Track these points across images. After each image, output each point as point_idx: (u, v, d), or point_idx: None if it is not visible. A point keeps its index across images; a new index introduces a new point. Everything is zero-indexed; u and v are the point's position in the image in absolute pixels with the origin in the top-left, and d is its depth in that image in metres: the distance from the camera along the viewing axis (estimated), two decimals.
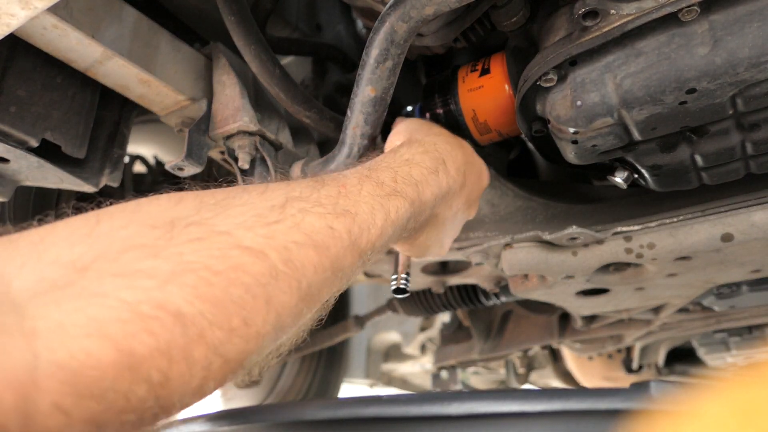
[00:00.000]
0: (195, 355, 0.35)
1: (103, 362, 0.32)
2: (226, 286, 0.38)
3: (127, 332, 0.33)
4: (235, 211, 0.42)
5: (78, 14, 0.67)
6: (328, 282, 0.46)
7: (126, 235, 0.38)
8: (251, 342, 0.39)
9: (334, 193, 0.49)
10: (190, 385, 0.36)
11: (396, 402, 0.50)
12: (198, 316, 0.36)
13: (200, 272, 0.37)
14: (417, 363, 2.63)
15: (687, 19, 0.58)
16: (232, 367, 0.38)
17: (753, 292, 1.22)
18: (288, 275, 0.42)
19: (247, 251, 0.40)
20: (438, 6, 0.60)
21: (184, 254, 0.37)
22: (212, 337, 0.36)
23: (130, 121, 0.91)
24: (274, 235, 0.42)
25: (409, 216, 0.56)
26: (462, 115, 0.85)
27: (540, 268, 0.97)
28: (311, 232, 0.44)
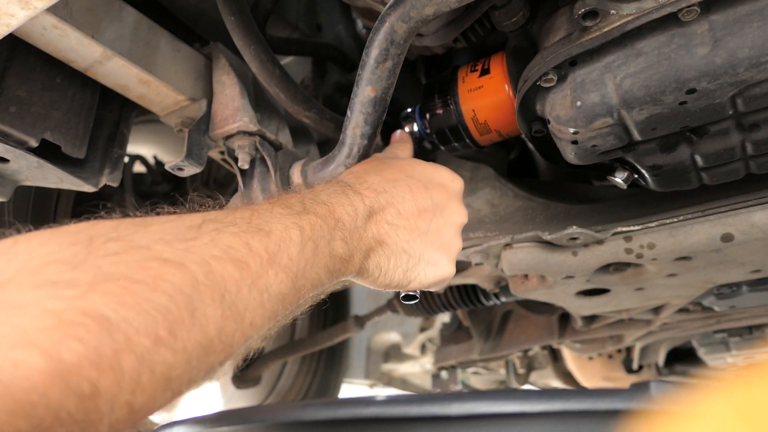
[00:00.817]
0: (123, 364, 0.34)
1: (32, 372, 0.31)
2: (148, 294, 0.37)
3: (54, 339, 0.32)
4: (153, 229, 0.42)
5: (78, 14, 0.67)
6: (254, 302, 0.45)
7: (45, 252, 0.37)
8: (178, 355, 0.38)
9: (247, 214, 0.50)
10: (119, 398, 0.34)
11: (396, 402, 0.50)
12: (123, 323, 0.35)
13: (120, 281, 0.36)
14: (417, 363, 2.63)
15: (687, 19, 0.58)
16: (160, 382, 0.37)
17: (753, 292, 1.22)
18: (210, 287, 0.41)
19: (167, 263, 0.40)
20: (438, 6, 0.60)
21: (103, 266, 0.37)
22: (139, 346, 0.35)
23: (130, 121, 0.91)
24: (192, 250, 0.42)
25: (328, 233, 0.54)
26: (462, 115, 0.85)
27: (540, 268, 0.97)
28: (228, 248, 0.44)
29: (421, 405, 0.48)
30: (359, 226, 0.59)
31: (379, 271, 0.63)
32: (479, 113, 0.85)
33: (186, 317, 0.38)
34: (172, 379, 0.38)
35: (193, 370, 0.40)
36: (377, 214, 0.61)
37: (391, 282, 0.64)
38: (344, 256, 0.57)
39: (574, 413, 0.46)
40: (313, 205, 0.55)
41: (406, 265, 0.63)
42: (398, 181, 0.64)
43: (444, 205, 0.67)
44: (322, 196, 0.57)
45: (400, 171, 0.66)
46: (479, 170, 1.05)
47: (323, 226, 0.54)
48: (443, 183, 0.69)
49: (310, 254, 0.51)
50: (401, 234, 0.62)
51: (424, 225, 0.64)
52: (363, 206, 0.60)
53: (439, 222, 0.66)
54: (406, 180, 0.65)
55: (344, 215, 0.57)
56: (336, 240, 0.55)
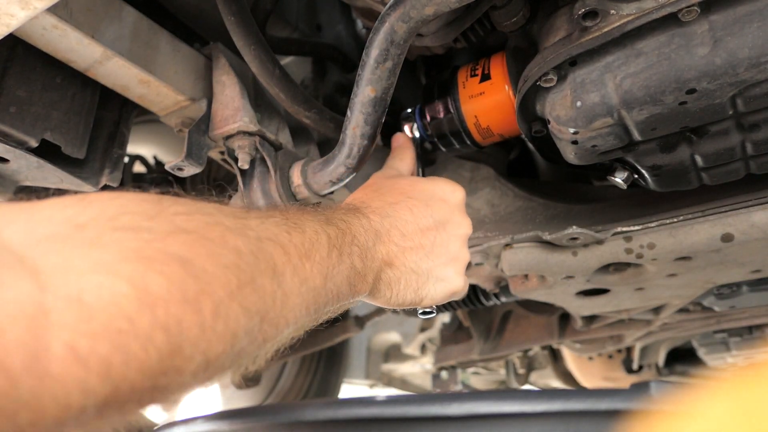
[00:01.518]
0: (204, 308, 0.34)
1: (118, 297, 0.30)
2: (220, 249, 0.38)
3: (139, 271, 0.32)
4: (210, 203, 0.44)
5: (78, 14, 0.67)
6: (295, 289, 0.46)
7: (119, 203, 0.37)
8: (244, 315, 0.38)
9: (282, 212, 0.52)
10: (200, 344, 0.33)
11: (396, 402, 0.50)
12: (202, 270, 0.35)
13: (193, 235, 0.37)
14: (417, 363, 2.63)
15: (687, 20, 0.58)
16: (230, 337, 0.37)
17: (753, 292, 1.22)
18: (265, 261, 0.42)
19: (230, 230, 0.41)
20: (438, 6, 0.60)
21: (175, 221, 0.38)
22: (216, 294, 0.35)
23: (130, 121, 0.91)
24: (247, 225, 0.44)
25: (348, 246, 0.56)
26: (464, 120, 0.85)
27: (540, 268, 0.97)
28: (275, 234, 0.46)
29: (421, 405, 0.48)
30: (370, 246, 0.60)
31: (390, 291, 0.63)
32: (482, 119, 0.85)
33: (249, 280, 0.39)
34: (238, 335, 0.37)
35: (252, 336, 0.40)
36: (384, 236, 0.62)
37: (403, 302, 0.65)
38: (361, 271, 0.58)
39: (574, 413, 0.46)
40: (334, 219, 0.57)
41: (416, 284, 0.64)
42: (399, 204, 0.66)
43: (446, 219, 0.68)
44: (338, 214, 0.59)
45: (400, 193, 0.67)
46: (479, 170, 1.05)
47: (344, 239, 0.55)
48: (443, 197, 0.70)
49: (336, 260, 0.53)
50: (408, 255, 0.63)
51: (429, 242, 0.65)
52: (371, 229, 0.61)
53: (443, 237, 0.67)
54: (406, 201, 0.66)
55: (359, 233, 0.58)
56: (354, 255, 0.56)
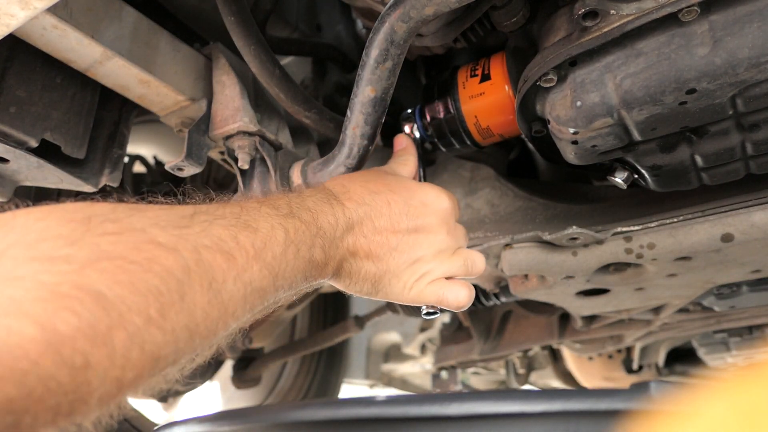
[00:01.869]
0: (115, 340, 0.35)
1: (25, 340, 0.31)
2: (142, 275, 0.38)
3: (49, 310, 0.33)
4: (149, 214, 0.44)
5: (78, 14, 0.67)
6: (238, 294, 0.46)
7: (42, 227, 0.37)
8: (167, 335, 0.38)
9: (236, 210, 0.51)
10: (109, 373, 0.35)
11: (396, 402, 0.50)
12: (117, 300, 0.36)
13: (116, 260, 0.37)
14: (417, 363, 2.63)
15: (687, 20, 0.58)
16: (149, 360, 0.38)
17: (753, 292, 1.22)
18: (199, 274, 0.42)
19: (161, 247, 0.41)
20: (438, 6, 0.60)
21: (100, 244, 0.38)
22: (131, 324, 0.36)
23: (130, 121, 0.91)
24: (185, 237, 0.43)
25: (310, 239, 0.56)
26: (464, 121, 0.85)
27: (540, 268, 0.97)
28: (218, 240, 0.46)
29: (421, 405, 0.48)
30: (337, 236, 0.61)
31: (349, 279, 0.65)
32: (482, 119, 0.85)
33: (176, 300, 0.40)
34: (160, 358, 0.39)
35: (179, 352, 0.41)
36: (355, 226, 0.63)
37: (360, 290, 0.67)
38: (321, 263, 0.59)
39: (574, 413, 0.46)
40: (299, 210, 0.57)
41: (374, 277, 0.65)
42: (379, 195, 0.66)
43: (422, 225, 0.67)
44: (308, 203, 0.59)
45: (384, 185, 0.67)
46: (479, 170, 1.05)
47: (306, 233, 0.56)
48: (425, 201, 0.69)
49: (292, 257, 0.53)
50: (373, 247, 0.64)
51: (395, 241, 0.65)
52: (344, 218, 0.62)
53: (411, 240, 0.66)
54: (387, 194, 0.66)
55: (326, 224, 0.59)
56: (316, 247, 0.57)
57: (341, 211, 0.61)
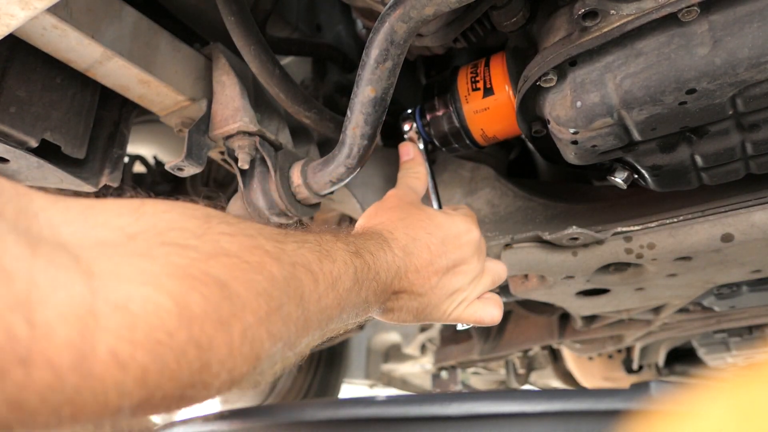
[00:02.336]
0: (233, 330, 0.36)
1: (160, 310, 0.32)
2: (255, 276, 0.40)
3: (182, 288, 0.34)
4: (254, 224, 0.46)
5: (78, 14, 0.67)
6: (315, 315, 0.47)
7: (169, 218, 0.39)
8: (269, 341, 0.40)
9: (318, 238, 0.53)
10: (226, 363, 0.36)
11: (396, 402, 0.50)
12: (236, 294, 0.37)
13: (235, 258, 0.39)
14: (417, 363, 2.63)
15: (687, 20, 0.58)
16: (253, 359, 0.39)
17: (753, 292, 1.22)
18: (294, 288, 0.44)
19: (268, 254, 0.43)
20: (438, 6, 0.60)
21: (220, 241, 0.40)
22: (246, 318, 0.37)
23: (130, 121, 0.91)
24: (285, 251, 0.45)
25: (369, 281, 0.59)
26: (470, 133, 0.86)
27: (540, 268, 0.97)
28: (308, 261, 0.48)
29: (421, 405, 0.48)
30: (388, 283, 0.64)
31: (392, 314, 0.69)
32: (488, 131, 0.86)
33: (278, 307, 0.41)
34: (261, 358, 0.40)
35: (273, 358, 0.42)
36: (402, 273, 0.66)
37: (401, 320, 0.70)
38: (372, 302, 0.61)
39: (574, 413, 0.46)
40: (363, 251, 0.59)
41: (416, 310, 0.69)
42: (419, 241, 0.69)
43: (459, 260, 0.72)
44: (369, 246, 0.62)
45: (421, 228, 0.71)
46: (479, 170, 1.05)
47: (368, 274, 0.58)
48: (458, 235, 0.73)
49: (355, 293, 0.55)
50: (416, 288, 0.67)
51: (435, 279, 0.69)
52: (394, 265, 0.65)
53: (449, 276, 0.71)
54: (425, 239, 0.69)
55: (382, 269, 0.62)
56: (371, 290, 0.59)
57: (392, 258, 0.64)
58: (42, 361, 0.27)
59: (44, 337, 0.27)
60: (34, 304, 0.27)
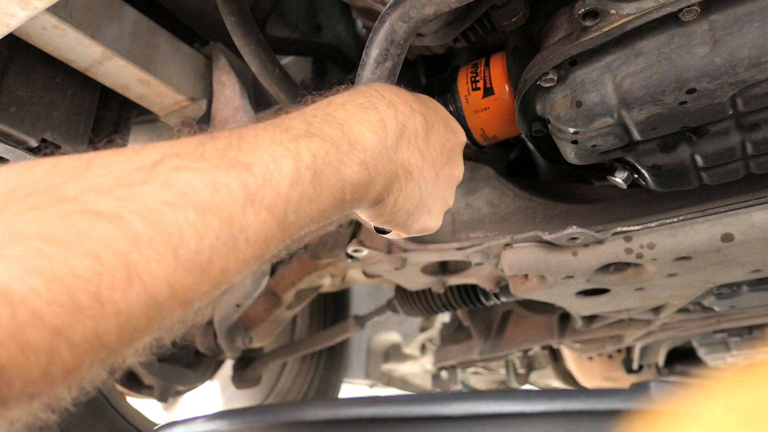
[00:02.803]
0: (31, 339, 0.31)
1: None
2: (64, 257, 0.32)
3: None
4: (92, 174, 0.37)
5: (78, 14, 0.67)
6: (225, 247, 0.39)
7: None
8: (108, 320, 0.33)
9: (222, 146, 0.42)
10: (31, 372, 0.31)
11: (396, 402, 0.50)
12: (29, 294, 0.31)
13: (31, 242, 0.32)
14: (417, 363, 2.63)
15: (687, 19, 0.58)
16: (86, 350, 0.33)
17: (753, 292, 1.22)
18: (157, 240, 0.35)
19: (96, 216, 0.34)
20: (438, 6, 0.60)
21: (14, 224, 0.32)
22: (52, 318, 0.31)
23: (130, 121, 0.91)
24: (136, 197, 0.36)
25: (337, 159, 0.46)
26: (471, 134, 0.86)
27: (540, 268, 0.97)
28: (187, 191, 0.38)
29: (421, 405, 0.48)
30: (389, 146, 0.51)
31: (393, 206, 0.55)
32: (488, 131, 0.86)
33: (120, 278, 0.34)
34: (106, 344, 0.34)
35: (137, 331, 0.36)
36: (411, 135, 0.53)
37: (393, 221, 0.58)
38: (363, 182, 0.49)
39: (574, 413, 0.46)
40: (322, 126, 0.47)
41: (413, 207, 0.57)
42: (428, 110, 0.57)
43: (454, 155, 0.61)
44: (338, 113, 0.49)
45: (424, 102, 0.58)
46: (479, 170, 1.05)
47: (330, 151, 0.46)
48: (455, 130, 0.63)
49: (308, 186, 0.44)
50: (425, 170, 0.55)
51: (439, 167, 0.58)
52: (395, 122, 0.52)
53: (447, 171, 0.60)
54: (432, 113, 0.58)
55: (367, 134, 0.49)
56: (351, 164, 0.48)
57: (392, 115, 0.51)
58: None
59: None
60: None
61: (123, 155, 0.39)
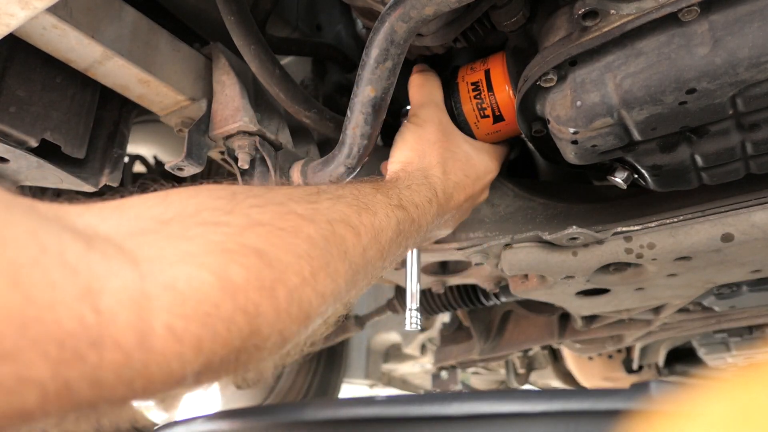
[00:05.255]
0: (278, 294, 0.39)
1: (205, 285, 0.35)
2: (292, 239, 0.42)
3: (221, 263, 0.36)
4: (283, 191, 0.48)
5: (77, 14, 0.67)
6: (361, 268, 0.50)
7: (197, 202, 0.41)
8: (318, 297, 0.42)
9: (355, 192, 0.55)
10: (275, 325, 0.38)
11: (396, 402, 0.50)
12: (276, 259, 0.39)
13: (268, 226, 0.41)
14: (417, 363, 2.63)
15: (687, 19, 0.58)
16: (303, 318, 0.41)
17: (753, 292, 1.22)
18: (336, 245, 0.46)
19: (302, 218, 0.44)
20: (438, 6, 0.60)
21: (251, 214, 0.42)
22: (290, 281, 0.40)
23: (130, 121, 0.91)
24: (318, 210, 0.47)
25: (412, 233, 0.61)
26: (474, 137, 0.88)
27: (540, 268, 0.97)
28: (346, 215, 0.49)
29: (421, 405, 0.48)
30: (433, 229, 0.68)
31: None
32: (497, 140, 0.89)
33: (323, 265, 0.43)
34: (312, 317, 0.43)
35: (326, 314, 0.45)
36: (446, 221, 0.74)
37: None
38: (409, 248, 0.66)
39: (574, 413, 0.46)
40: (408, 204, 0.61)
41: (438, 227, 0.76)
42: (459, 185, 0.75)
43: (476, 193, 0.81)
44: (415, 198, 0.64)
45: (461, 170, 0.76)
46: None
47: (411, 226, 0.60)
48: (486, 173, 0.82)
49: (396, 245, 0.57)
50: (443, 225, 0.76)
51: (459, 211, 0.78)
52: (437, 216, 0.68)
53: (468, 204, 0.80)
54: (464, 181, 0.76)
55: (424, 223, 0.64)
56: (411, 239, 0.62)
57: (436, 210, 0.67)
58: (111, 343, 0.30)
59: (109, 321, 0.30)
60: (97, 293, 0.30)
61: (289, 187, 0.52)
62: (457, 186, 0.74)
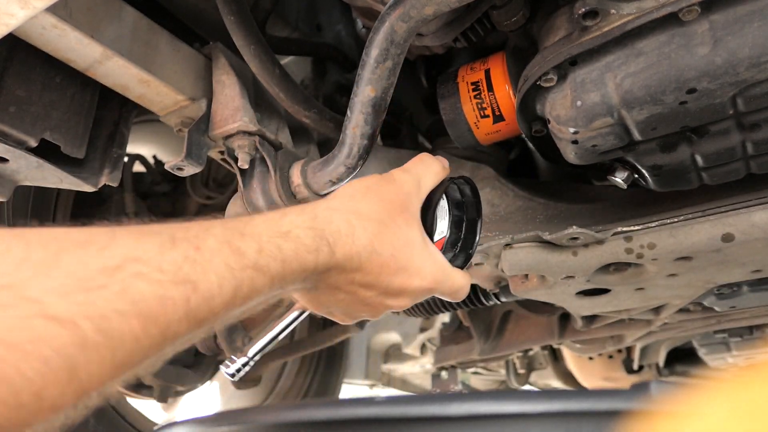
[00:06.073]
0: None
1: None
2: (17, 362, 0.35)
3: None
4: (58, 273, 0.39)
5: (77, 14, 0.67)
6: (153, 348, 0.43)
7: None
8: (43, 413, 0.37)
9: (180, 257, 0.46)
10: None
11: (396, 402, 0.50)
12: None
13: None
14: (417, 363, 2.63)
15: (687, 19, 0.58)
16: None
17: (753, 292, 1.22)
18: (101, 345, 0.39)
19: (54, 321, 0.37)
20: (438, 6, 0.60)
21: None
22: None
23: (130, 121, 0.90)
24: (93, 302, 0.39)
25: (269, 290, 0.52)
26: (471, 130, 0.88)
27: (540, 268, 0.97)
28: (138, 300, 0.41)
29: (421, 405, 0.48)
30: (311, 279, 0.58)
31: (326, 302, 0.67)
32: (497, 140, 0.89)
33: (61, 378, 0.37)
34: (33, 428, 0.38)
35: (67, 417, 0.40)
36: (332, 276, 0.60)
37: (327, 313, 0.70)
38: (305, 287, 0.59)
39: (574, 414, 0.46)
40: (268, 261, 0.52)
41: (337, 307, 0.67)
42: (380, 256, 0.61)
43: (393, 293, 0.64)
44: (286, 249, 0.54)
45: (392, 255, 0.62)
46: (479, 170, 1.05)
47: (265, 285, 0.51)
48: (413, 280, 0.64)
49: (237, 309, 0.50)
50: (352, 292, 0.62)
51: (381, 300, 0.64)
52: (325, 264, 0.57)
53: (387, 301, 0.65)
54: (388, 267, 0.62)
55: (295, 277, 0.55)
56: (275, 291, 0.54)
57: (328, 257, 0.57)
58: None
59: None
60: None
61: (89, 252, 0.42)
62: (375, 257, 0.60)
